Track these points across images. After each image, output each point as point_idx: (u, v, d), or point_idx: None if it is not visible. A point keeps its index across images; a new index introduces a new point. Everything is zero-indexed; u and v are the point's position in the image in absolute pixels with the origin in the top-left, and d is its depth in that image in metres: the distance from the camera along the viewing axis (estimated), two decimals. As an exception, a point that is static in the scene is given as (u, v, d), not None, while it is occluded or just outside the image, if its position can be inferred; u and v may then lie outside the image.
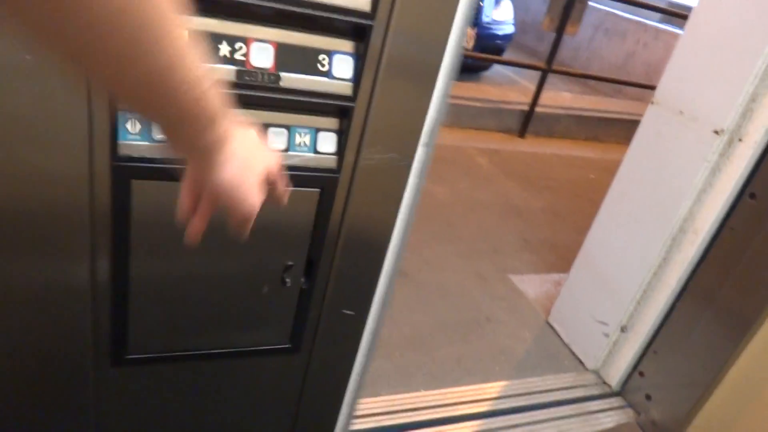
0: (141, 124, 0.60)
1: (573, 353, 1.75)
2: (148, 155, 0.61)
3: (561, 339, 1.80)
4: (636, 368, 1.59)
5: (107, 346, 0.73)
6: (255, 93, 0.62)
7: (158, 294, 0.71)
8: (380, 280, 0.84)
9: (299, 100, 0.64)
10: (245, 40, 0.60)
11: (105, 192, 0.62)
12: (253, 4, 0.57)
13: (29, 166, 0.57)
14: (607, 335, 1.65)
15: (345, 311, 0.84)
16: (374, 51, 0.64)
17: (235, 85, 0.61)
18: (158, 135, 0.61)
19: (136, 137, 0.60)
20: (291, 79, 0.63)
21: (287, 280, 0.77)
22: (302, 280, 0.78)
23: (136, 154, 0.61)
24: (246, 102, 0.63)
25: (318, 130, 0.68)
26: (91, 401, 0.78)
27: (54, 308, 0.68)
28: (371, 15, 0.62)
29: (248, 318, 0.79)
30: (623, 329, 1.61)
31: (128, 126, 0.60)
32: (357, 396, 0.95)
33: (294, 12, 0.59)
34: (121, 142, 0.60)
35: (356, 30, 0.64)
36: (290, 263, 0.76)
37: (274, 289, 0.77)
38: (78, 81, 0.55)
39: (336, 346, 0.87)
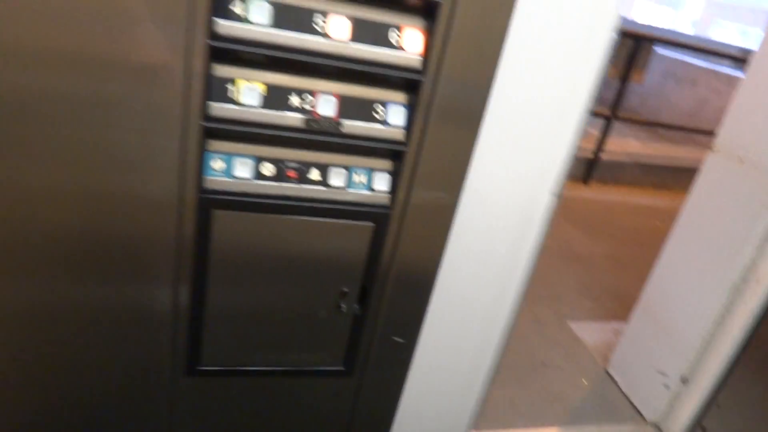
0: (224, 162, 0.71)
1: (632, 403, 1.71)
2: (228, 189, 0.72)
3: (619, 388, 1.76)
4: (698, 422, 1.53)
5: (183, 357, 0.83)
6: (320, 138, 0.72)
7: (230, 313, 0.81)
8: (428, 310, 0.90)
9: (358, 144, 0.73)
10: (313, 93, 0.70)
11: (190, 218, 0.73)
12: (320, 64, 0.67)
13: (127, 193, 0.69)
14: (667, 386, 1.61)
15: (395, 338, 0.90)
16: (424, 102, 0.73)
17: (304, 131, 0.71)
18: (238, 173, 0.71)
19: (220, 174, 0.71)
20: (351, 126, 0.72)
21: (342, 306, 0.84)
22: (356, 306, 0.86)
23: (218, 188, 0.72)
24: (312, 145, 0.73)
25: (373, 170, 0.77)
26: (166, 407, 0.87)
27: (138, 322, 0.79)
28: (422, 71, 0.71)
29: (306, 340, 0.87)
30: (684, 380, 1.57)
31: (213, 164, 0.71)
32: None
33: (355, 69, 0.69)
34: (206, 177, 0.71)
35: (408, 84, 0.73)
36: (345, 290, 0.83)
37: (330, 314, 0.85)
38: (175, 123, 0.67)
39: (385, 372, 0.93)
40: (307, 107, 0.70)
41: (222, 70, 0.66)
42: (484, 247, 0.93)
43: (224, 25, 0.63)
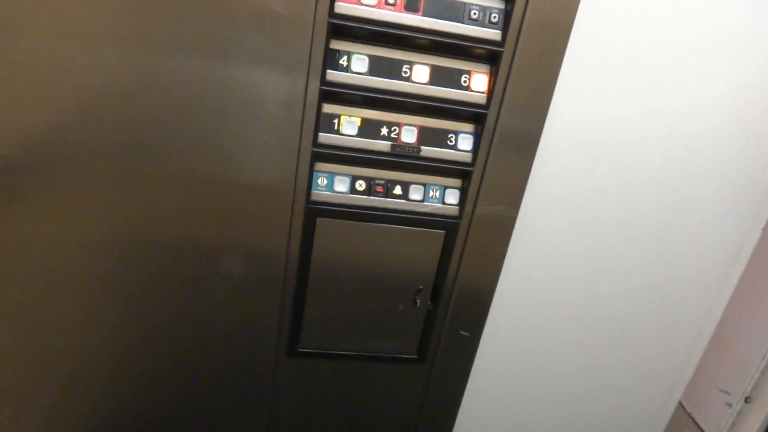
0: (327, 180, 0.90)
1: (695, 422, 1.74)
2: (329, 201, 0.91)
3: (682, 406, 1.80)
4: (761, 440, 1.56)
5: (286, 340, 1.02)
6: (403, 160, 0.89)
7: (325, 303, 0.99)
8: (491, 309, 1.05)
9: (434, 166, 0.90)
10: (398, 124, 0.88)
11: (299, 224, 0.91)
12: (403, 101, 0.86)
13: (251, 202, 0.88)
14: (730, 405, 1.64)
15: (462, 332, 1.05)
16: (488, 131, 0.89)
17: (390, 155, 0.89)
18: (337, 188, 0.90)
19: (323, 189, 0.90)
20: (428, 150, 0.90)
21: (418, 301, 1.01)
22: (429, 302, 1.01)
23: (322, 200, 0.90)
24: (396, 166, 0.90)
25: (446, 187, 0.94)
26: (270, 384, 1.06)
27: (250, 308, 0.98)
28: (486, 106, 0.87)
29: (387, 330, 1.03)
30: (747, 400, 1.60)
31: (319, 181, 0.90)
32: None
33: (432, 106, 0.86)
34: (314, 191, 0.90)
35: (475, 116, 0.89)
36: (420, 287, 1.00)
37: (407, 308, 1.01)
38: (293, 149, 0.86)
39: (453, 362, 1.08)
40: (394, 136, 0.88)
41: (330, 108, 0.86)
42: (542, 252, 1.07)
43: (333, 74, 0.83)
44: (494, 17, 0.83)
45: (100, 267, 0.89)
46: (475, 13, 0.83)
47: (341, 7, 0.79)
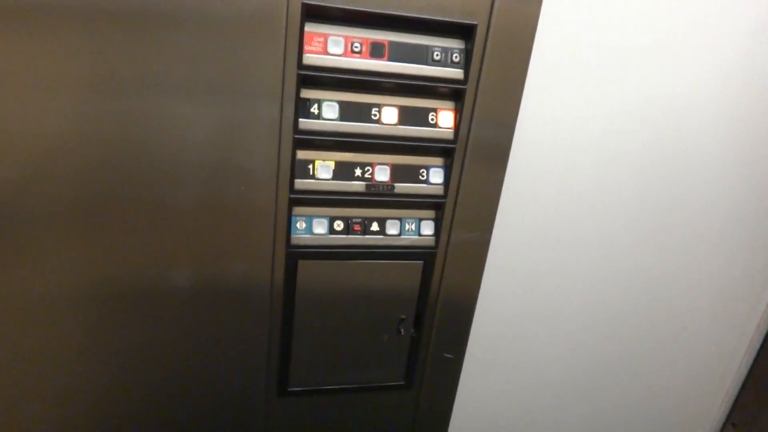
0: (305, 223, 0.92)
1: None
2: (309, 244, 0.92)
3: None
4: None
5: (275, 380, 1.02)
6: (378, 198, 0.92)
7: (313, 340, 1.00)
8: (471, 330, 1.09)
9: (408, 201, 0.93)
10: (371, 164, 0.91)
11: (281, 267, 0.93)
12: (375, 143, 0.88)
13: (233, 248, 0.89)
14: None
15: (446, 355, 1.09)
16: (458, 163, 0.93)
17: (365, 194, 0.91)
18: (316, 230, 0.92)
19: (302, 232, 0.92)
20: (402, 186, 0.93)
21: (401, 330, 1.03)
22: (412, 330, 1.04)
23: (301, 243, 0.92)
24: (372, 204, 0.93)
25: (421, 219, 0.97)
26: (262, 425, 1.06)
27: (238, 351, 0.98)
28: (454, 141, 0.91)
29: (374, 360, 1.05)
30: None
31: (297, 225, 0.91)
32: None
33: (403, 145, 0.89)
34: (293, 235, 0.91)
35: (444, 150, 0.93)
36: (403, 317, 1.02)
37: (392, 337, 1.04)
38: (270, 196, 0.87)
39: (440, 383, 1.12)
40: (367, 176, 0.91)
41: (304, 154, 0.88)
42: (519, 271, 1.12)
43: (305, 122, 0.85)
44: (455, 57, 0.87)
45: (78, 319, 0.88)
46: (437, 55, 0.86)
47: (309, 59, 0.81)
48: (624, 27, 0.99)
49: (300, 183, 0.88)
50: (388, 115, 0.88)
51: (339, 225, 0.93)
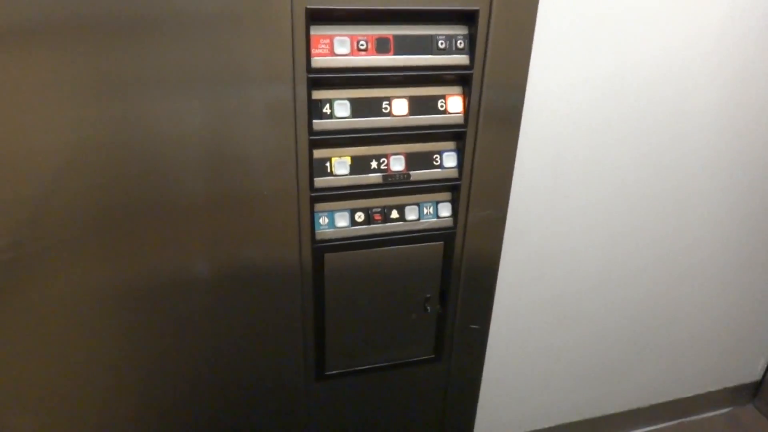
0: (328, 218, 0.95)
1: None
2: (333, 237, 0.96)
3: None
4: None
5: (312, 366, 1.08)
6: (395, 187, 0.95)
7: (344, 325, 1.05)
8: (494, 301, 1.13)
9: (424, 186, 0.96)
10: (386, 156, 0.93)
11: (308, 262, 0.97)
12: (390, 135, 0.91)
13: (263, 247, 0.93)
14: None
15: (472, 326, 1.13)
16: (470, 146, 0.95)
17: (383, 185, 0.94)
18: (339, 224, 0.95)
19: (326, 227, 0.95)
20: (417, 174, 0.95)
21: (428, 307, 1.08)
22: (438, 306, 1.09)
23: (326, 238, 0.95)
24: (390, 193, 0.96)
25: (438, 202, 1.00)
26: (304, 409, 1.12)
27: (275, 341, 1.03)
28: (464, 125, 0.93)
29: (404, 338, 1.10)
30: None
31: (320, 221, 0.95)
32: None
33: (416, 134, 0.92)
34: (317, 231, 0.95)
35: (456, 135, 0.95)
36: (428, 295, 1.07)
37: (419, 315, 1.08)
38: (293, 196, 0.90)
39: (468, 354, 1.17)
40: (383, 167, 0.94)
41: (320, 153, 0.90)
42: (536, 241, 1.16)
43: (319, 123, 0.87)
44: (460, 43, 0.88)
45: (120, 318, 0.92)
46: (442, 43, 0.87)
47: (317, 61, 0.83)
48: None
49: (319, 181, 0.91)
50: (399, 106, 0.90)
51: (360, 216, 0.96)
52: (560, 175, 1.14)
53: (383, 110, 0.89)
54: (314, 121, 0.87)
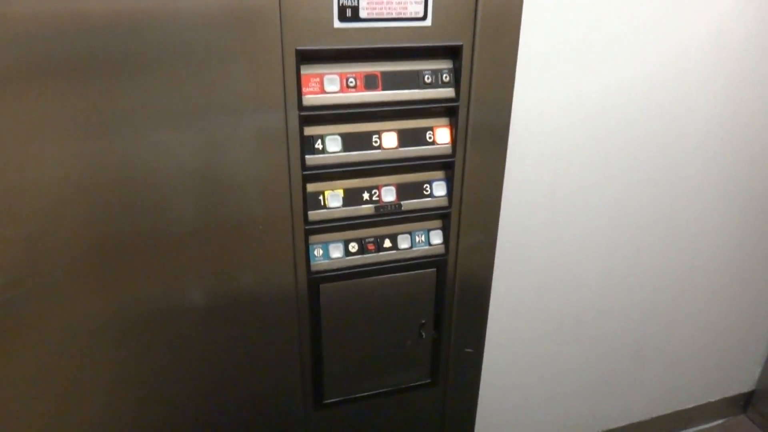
0: (322, 249, 0.97)
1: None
2: (328, 268, 0.98)
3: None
4: None
5: (311, 394, 1.09)
6: (388, 218, 0.97)
7: (342, 354, 1.06)
8: (487, 324, 1.15)
9: (416, 216, 0.99)
10: (377, 187, 0.96)
11: (304, 292, 0.98)
12: (381, 167, 0.93)
13: (258, 278, 0.94)
14: None
15: (466, 350, 1.15)
16: (458, 175, 0.98)
17: (375, 216, 0.96)
18: (333, 255, 0.97)
19: (321, 258, 0.97)
20: (409, 203, 0.98)
21: (423, 333, 1.09)
22: (433, 332, 1.11)
23: (321, 269, 0.97)
24: (382, 223, 0.98)
25: (429, 230, 1.02)
26: (301, 438, 1.13)
27: (273, 367, 1.04)
28: (452, 155, 0.96)
29: (400, 364, 1.12)
30: None
31: (315, 252, 0.97)
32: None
33: (406, 165, 0.94)
34: (312, 262, 0.97)
35: (444, 164, 0.98)
36: (423, 321, 1.09)
37: (414, 341, 1.10)
38: (287, 229, 0.92)
39: (464, 377, 1.18)
40: (375, 198, 0.96)
41: (313, 187, 0.92)
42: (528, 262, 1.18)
43: (312, 158, 0.89)
44: (445, 77, 0.91)
45: (116, 349, 0.93)
46: (428, 78, 0.90)
47: (308, 99, 0.86)
48: (606, 10, 1.04)
49: (313, 214, 0.93)
50: (388, 139, 0.92)
51: (354, 246, 0.98)
52: (552, 194, 1.16)
53: (373, 143, 0.92)
54: (307, 156, 0.89)
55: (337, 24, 0.82)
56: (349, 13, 0.82)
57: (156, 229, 0.86)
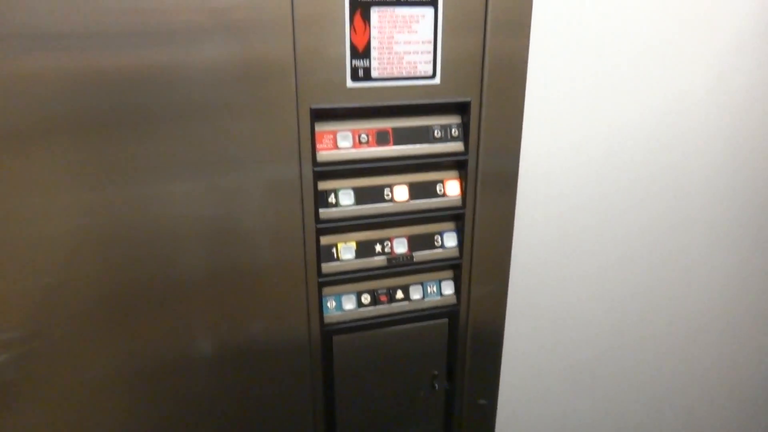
0: (335, 301, 0.98)
1: None
2: (341, 320, 0.98)
3: None
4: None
5: (323, 448, 1.08)
6: (400, 269, 0.98)
7: (354, 405, 1.05)
8: (501, 375, 1.14)
9: (427, 267, 1.00)
10: (389, 239, 0.97)
11: (317, 344, 0.98)
12: (393, 220, 0.95)
13: (273, 332, 0.95)
14: None
15: (480, 401, 1.14)
16: (468, 226, 0.99)
17: (387, 267, 0.97)
18: (346, 306, 0.98)
19: (334, 310, 0.98)
20: (420, 255, 0.99)
21: (436, 384, 1.09)
22: (446, 383, 1.10)
23: (334, 320, 0.98)
24: (395, 275, 0.99)
25: (441, 280, 1.03)
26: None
27: (285, 419, 1.02)
28: (462, 206, 0.98)
29: (413, 415, 1.11)
30: None
31: (328, 304, 0.97)
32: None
33: (419, 218, 0.96)
34: (325, 314, 0.97)
35: (455, 216, 0.99)
36: (436, 372, 1.08)
37: (427, 392, 1.09)
38: (300, 281, 0.93)
39: (478, 429, 1.16)
40: (387, 249, 0.97)
41: (327, 239, 0.94)
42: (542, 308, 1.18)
43: (325, 212, 0.91)
44: (454, 132, 0.94)
45: (128, 398, 0.92)
46: (437, 133, 0.93)
47: (322, 155, 0.88)
48: (612, 41, 1.07)
49: (326, 267, 0.94)
50: (400, 193, 0.95)
51: (366, 298, 0.99)
52: (563, 243, 1.17)
53: (385, 197, 0.94)
54: (321, 210, 0.91)
55: (350, 84, 0.85)
56: (361, 73, 0.85)
57: (169, 280, 0.87)
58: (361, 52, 0.84)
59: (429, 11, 0.85)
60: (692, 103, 1.17)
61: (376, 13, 0.83)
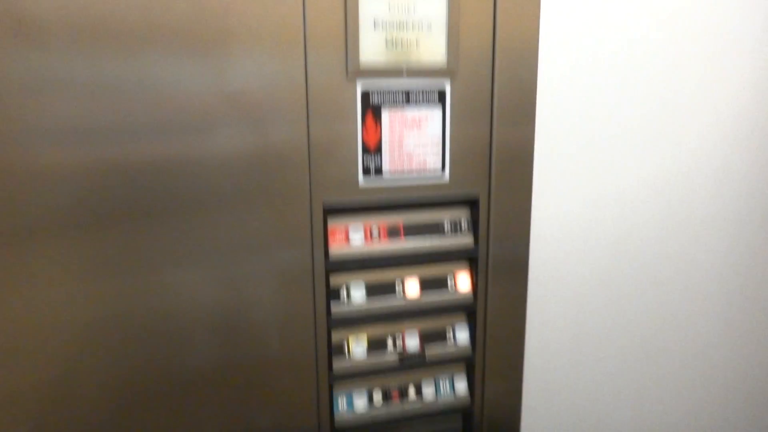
0: (346, 399, 0.94)
1: None
2: (352, 420, 0.95)
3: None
4: None
5: None
6: (411, 365, 0.96)
7: None
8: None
9: (439, 365, 0.97)
10: (401, 332, 0.96)
11: (327, 446, 0.94)
12: (401, 313, 0.94)
13: (280, 422, 0.91)
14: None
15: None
16: (480, 321, 0.98)
17: (399, 365, 0.95)
18: (357, 404, 0.95)
19: (344, 410, 0.94)
20: (432, 348, 0.97)
21: (451, 490, 1.03)
22: (461, 488, 1.04)
23: (345, 420, 0.94)
24: (406, 371, 0.97)
25: (454, 374, 1.00)
26: None
27: None
28: (474, 300, 0.97)
29: None
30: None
31: (338, 403, 0.94)
32: None
33: (431, 310, 0.95)
34: (336, 413, 0.94)
35: (467, 310, 0.99)
36: (451, 476, 1.02)
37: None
38: (311, 378, 0.91)
39: None
40: (398, 344, 0.96)
41: (338, 334, 0.93)
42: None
43: (337, 307, 0.91)
44: (464, 226, 0.95)
45: None
46: (447, 227, 0.95)
47: (335, 250, 0.89)
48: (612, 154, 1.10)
49: (338, 365, 0.93)
50: (411, 287, 0.94)
51: (378, 395, 0.96)
52: (579, 335, 1.15)
53: (396, 291, 0.94)
54: (333, 302, 0.91)
55: (362, 182, 0.88)
56: (372, 170, 0.88)
57: (177, 372, 0.85)
58: (373, 150, 0.88)
59: (437, 111, 0.90)
60: (698, 168, 1.16)
61: (387, 114, 0.87)
